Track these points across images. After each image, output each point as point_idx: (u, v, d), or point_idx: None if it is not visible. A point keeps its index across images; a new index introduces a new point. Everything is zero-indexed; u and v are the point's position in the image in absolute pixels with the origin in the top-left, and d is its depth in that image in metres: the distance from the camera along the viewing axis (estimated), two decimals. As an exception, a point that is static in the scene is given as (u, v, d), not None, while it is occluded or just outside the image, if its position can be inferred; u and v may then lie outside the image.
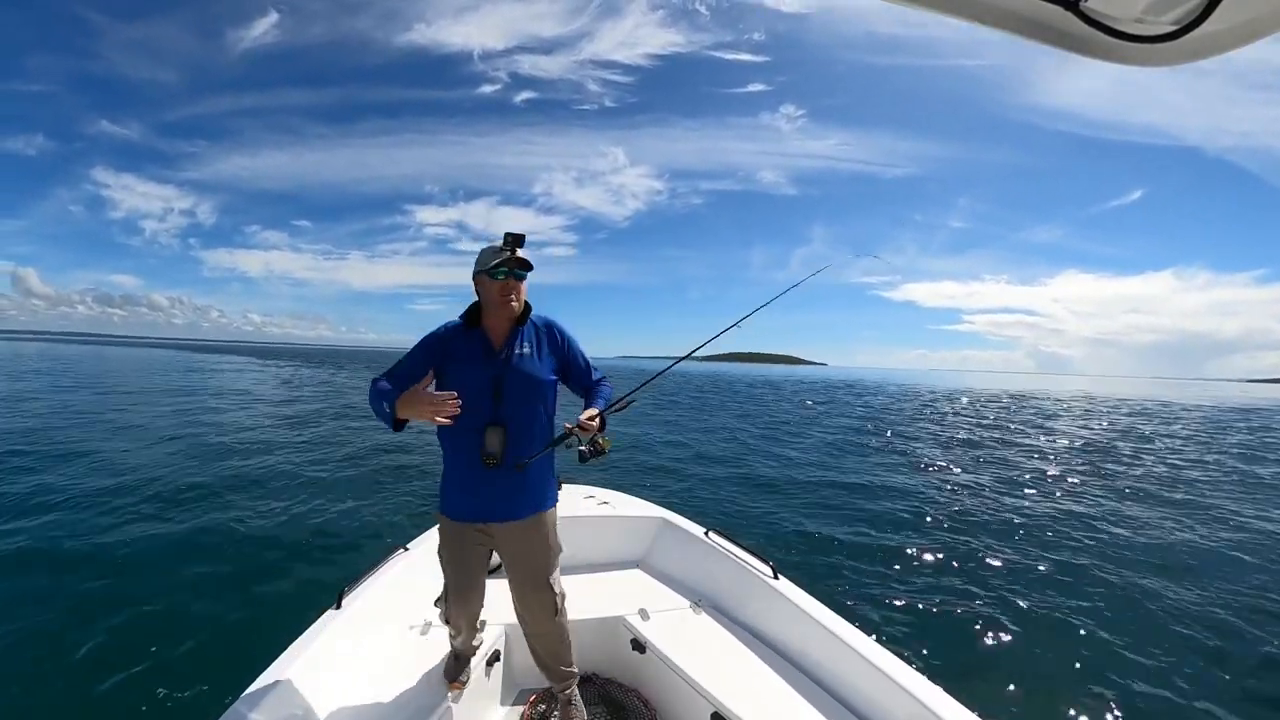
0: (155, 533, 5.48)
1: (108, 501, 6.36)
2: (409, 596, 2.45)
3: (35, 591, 4.18)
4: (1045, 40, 0.71)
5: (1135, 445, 15.08)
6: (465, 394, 1.62)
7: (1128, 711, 3.10)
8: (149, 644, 3.47)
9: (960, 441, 14.46)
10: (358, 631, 2.14)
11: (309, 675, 1.82)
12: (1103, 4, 0.64)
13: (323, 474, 8.49)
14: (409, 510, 6.69)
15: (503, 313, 1.76)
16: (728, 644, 2.26)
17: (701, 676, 2.01)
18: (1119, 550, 5.84)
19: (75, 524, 5.58)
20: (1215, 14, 0.58)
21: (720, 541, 2.71)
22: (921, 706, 1.63)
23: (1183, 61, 0.68)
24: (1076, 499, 8.32)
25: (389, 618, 2.34)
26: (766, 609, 2.33)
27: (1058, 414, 25.92)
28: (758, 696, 1.92)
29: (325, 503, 6.88)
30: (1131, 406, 34.77)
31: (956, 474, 9.99)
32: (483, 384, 1.73)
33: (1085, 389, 78.57)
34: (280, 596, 4.30)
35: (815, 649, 2.06)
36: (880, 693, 1.79)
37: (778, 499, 7.78)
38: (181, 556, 4.96)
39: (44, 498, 6.39)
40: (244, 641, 3.47)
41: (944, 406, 28.41)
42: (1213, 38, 0.63)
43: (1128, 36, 0.66)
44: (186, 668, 3.25)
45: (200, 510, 6.32)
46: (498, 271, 1.70)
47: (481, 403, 1.71)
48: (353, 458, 9.90)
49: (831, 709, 1.86)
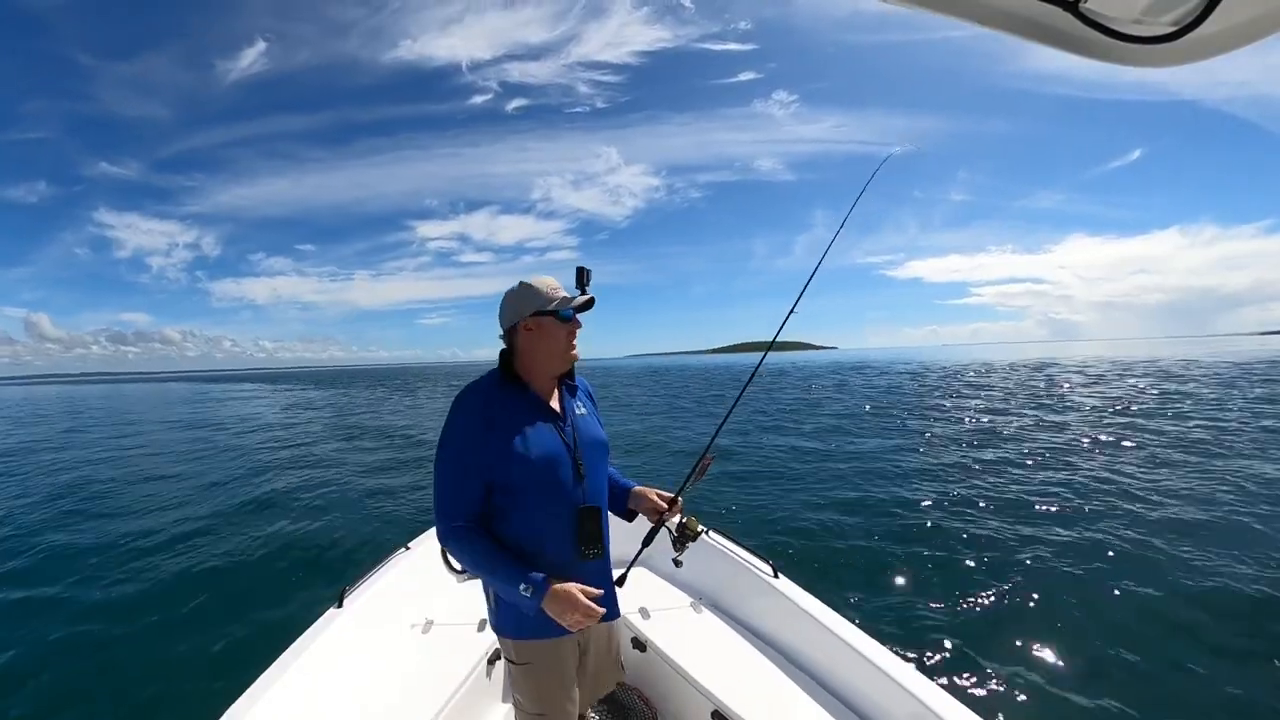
0: (156, 544, 5.68)
1: (134, 529, 6.53)
2: (410, 595, 2.49)
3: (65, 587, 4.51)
4: (1044, 41, 0.72)
5: (1176, 409, 14.37)
6: (543, 468, 1.34)
7: (1140, 706, 2.99)
8: (155, 642, 3.71)
9: (986, 426, 13.78)
10: (359, 630, 2.16)
11: (311, 673, 1.84)
12: (1101, 5, 0.64)
13: (323, 487, 8.75)
14: (406, 513, 6.96)
15: (562, 365, 1.45)
16: (728, 642, 2.26)
17: (702, 675, 2.02)
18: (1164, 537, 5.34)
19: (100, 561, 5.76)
20: (1214, 15, 0.58)
21: (720, 540, 2.69)
22: (922, 705, 1.62)
23: (1182, 63, 0.68)
24: (1112, 480, 7.86)
25: (390, 616, 2.36)
26: (766, 608, 2.32)
27: (1085, 383, 24.75)
28: (758, 695, 1.93)
29: (327, 511, 7.18)
30: (1158, 368, 33.08)
31: (970, 455, 9.77)
32: (560, 457, 1.38)
33: (1100, 353, 76.71)
34: (281, 595, 4.49)
35: (815, 647, 2.06)
36: (880, 691, 1.79)
37: (781, 489, 7.77)
38: (186, 562, 5.24)
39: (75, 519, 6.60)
40: (247, 640, 3.60)
41: (955, 383, 27.59)
42: (1211, 39, 0.63)
43: (1126, 37, 0.66)
44: (190, 666, 3.40)
45: (205, 524, 6.60)
46: (565, 313, 1.38)
47: (564, 481, 1.37)
48: (352, 471, 10.18)
49: (833, 707, 1.86)
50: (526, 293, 1.39)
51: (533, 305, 1.38)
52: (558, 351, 1.41)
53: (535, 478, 1.34)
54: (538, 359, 1.42)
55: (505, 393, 1.39)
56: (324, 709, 1.81)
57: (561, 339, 1.40)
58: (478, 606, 2.39)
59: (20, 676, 3.41)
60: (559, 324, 1.39)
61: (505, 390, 1.40)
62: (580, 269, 1.43)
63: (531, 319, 1.38)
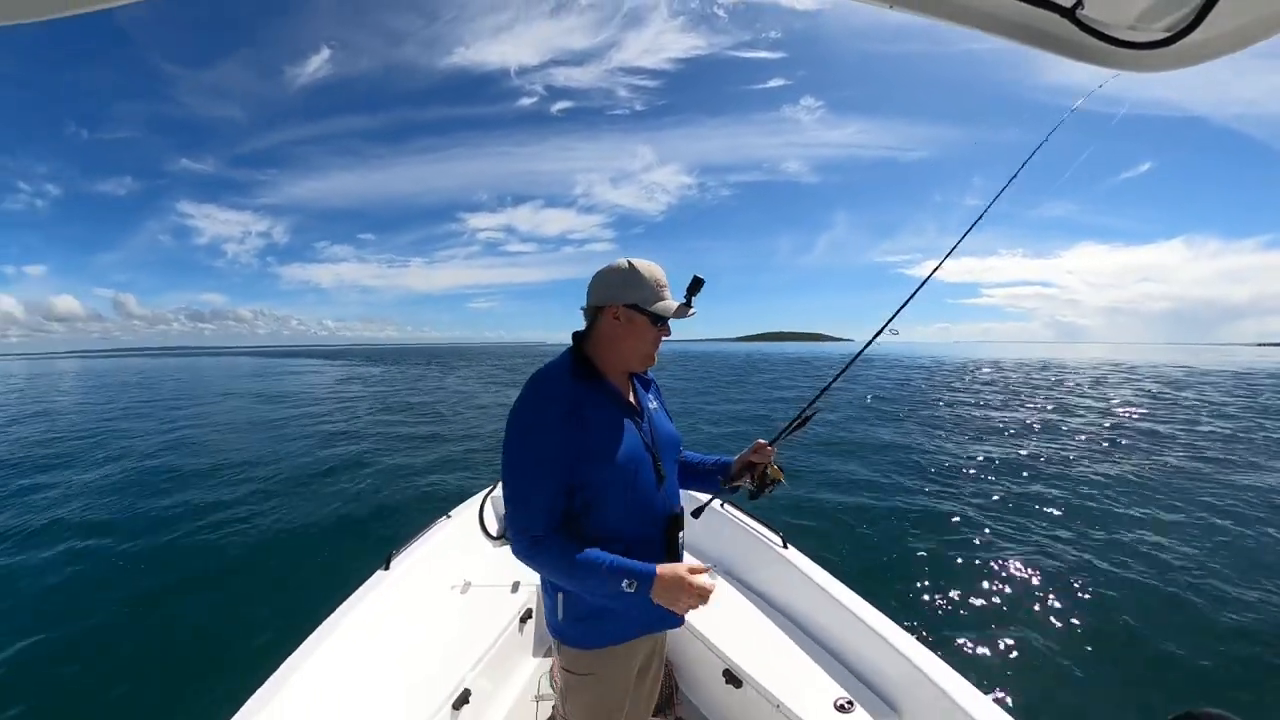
0: (218, 507, 6.20)
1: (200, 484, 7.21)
2: (451, 558, 2.66)
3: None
4: (1043, 46, 0.74)
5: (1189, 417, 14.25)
6: (628, 469, 1.24)
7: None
8: (219, 600, 4.15)
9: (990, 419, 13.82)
10: (404, 590, 2.32)
11: (360, 628, 2.01)
12: (1099, 12, 0.66)
13: (374, 460, 9.31)
14: (451, 484, 7.37)
15: (639, 366, 1.34)
16: (739, 607, 2.37)
17: (714, 636, 2.14)
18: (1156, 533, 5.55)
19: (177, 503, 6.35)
20: (1205, 22, 0.61)
21: (734, 512, 2.84)
22: (914, 668, 1.74)
23: (1175, 67, 0.70)
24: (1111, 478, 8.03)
25: (433, 578, 2.52)
26: (775, 575, 2.44)
27: (1094, 384, 24.71)
28: (764, 655, 2.05)
29: (377, 482, 7.69)
30: (1162, 374, 32.55)
31: (979, 446, 9.86)
32: (642, 457, 1.27)
33: (1106, 356, 76.70)
34: (334, 558, 4.92)
35: (820, 613, 2.17)
36: (876, 654, 1.90)
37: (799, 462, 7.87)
38: (249, 527, 5.72)
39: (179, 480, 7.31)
40: (303, 598, 3.93)
41: (967, 379, 27.62)
42: (1203, 45, 0.66)
43: (1122, 43, 0.68)
44: (250, 623, 3.75)
45: (245, 492, 7.15)
46: (660, 319, 1.27)
47: (647, 483, 1.28)
48: (401, 444, 10.76)
49: (832, 667, 1.98)
50: (630, 278, 1.24)
51: (631, 296, 1.23)
52: (641, 352, 1.30)
53: (619, 480, 1.22)
54: (618, 352, 1.29)
55: (584, 384, 1.25)
56: (372, 662, 1.97)
57: (649, 341, 1.29)
58: (512, 569, 2.55)
59: (80, 636, 3.77)
60: (651, 326, 1.27)
61: (582, 381, 1.25)
62: (697, 279, 1.27)
63: (625, 309, 1.25)
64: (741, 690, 1.99)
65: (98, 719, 3.01)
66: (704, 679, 2.21)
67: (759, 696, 1.91)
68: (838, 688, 1.87)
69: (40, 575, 4.71)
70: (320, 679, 1.76)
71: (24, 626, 3.77)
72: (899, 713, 1.77)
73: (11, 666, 3.34)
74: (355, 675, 1.89)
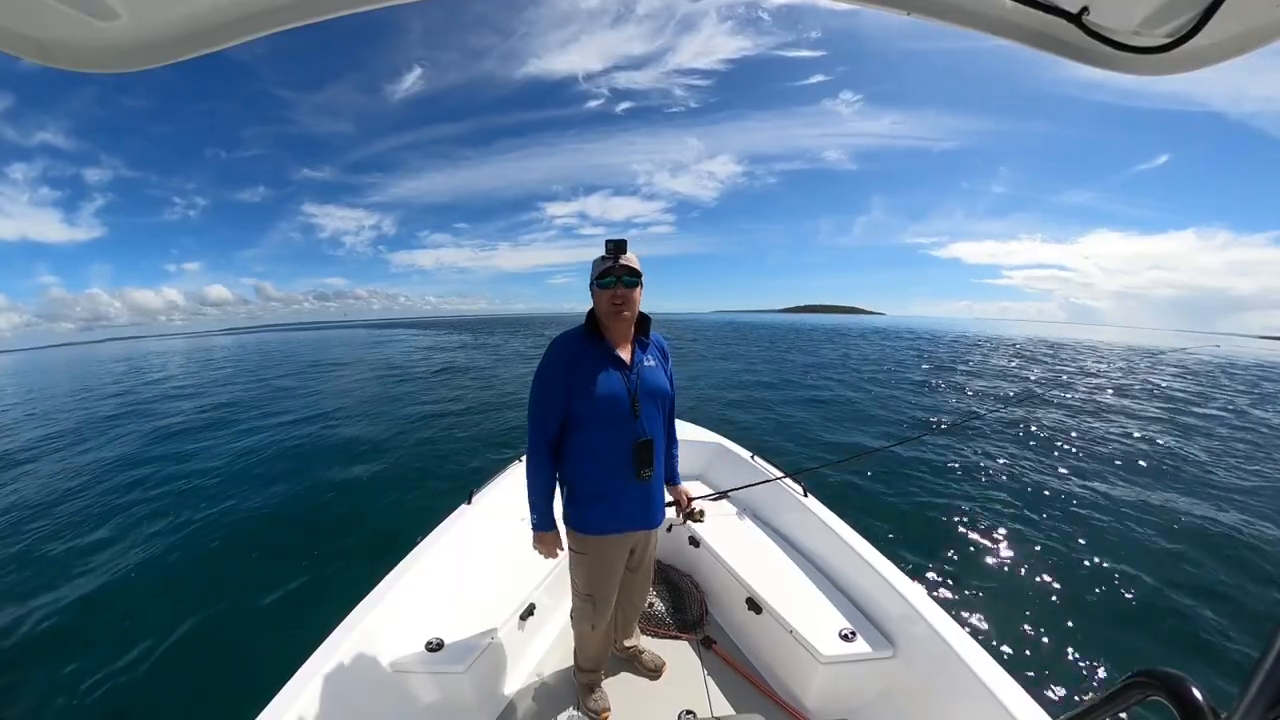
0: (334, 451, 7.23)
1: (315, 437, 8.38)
2: (522, 495, 2.99)
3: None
4: (1050, 50, 0.76)
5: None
6: (604, 405, 1.60)
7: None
8: (332, 534, 4.83)
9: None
10: (483, 522, 2.63)
11: (446, 553, 2.32)
12: (1103, 17, 0.68)
13: (461, 410, 10.59)
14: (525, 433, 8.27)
15: (616, 324, 1.66)
16: (763, 545, 2.63)
17: (741, 569, 2.40)
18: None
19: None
20: (1206, 28, 0.62)
21: (763, 463, 3.17)
22: (910, 608, 1.92)
23: (1177, 71, 0.71)
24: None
25: (508, 513, 2.79)
26: (796, 520, 2.68)
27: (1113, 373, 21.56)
28: (782, 588, 2.28)
29: (467, 430, 8.86)
30: (1173, 360, 29.18)
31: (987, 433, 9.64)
32: (620, 395, 1.63)
33: (1115, 339, 71.11)
34: (424, 494, 5.76)
35: (831, 554, 2.39)
36: (879, 593, 2.09)
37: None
38: (358, 470, 6.71)
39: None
40: (398, 527, 4.66)
41: (987, 355, 24.51)
42: (1204, 50, 0.67)
43: (1126, 47, 0.70)
44: (354, 550, 4.43)
45: (379, 439, 8.29)
46: (605, 280, 1.62)
47: (624, 415, 1.64)
48: (487, 397, 12.22)
49: (839, 602, 2.17)
50: (593, 265, 1.68)
51: (592, 275, 1.67)
52: (605, 313, 1.65)
53: (598, 412, 1.60)
54: (600, 314, 1.68)
55: (586, 342, 1.66)
56: (455, 580, 2.27)
57: (604, 303, 1.64)
58: None
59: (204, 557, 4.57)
60: (599, 290, 1.64)
61: (587, 340, 1.66)
62: (607, 242, 1.61)
63: (591, 288, 1.68)
64: (760, 616, 2.22)
65: (275, 607, 3.68)
66: (730, 604, 2.45)
67: (775, 623, 2.13)
68: (843, 620, 2.05)
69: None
70: (414, 594, 2.06)
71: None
72: (895, 645, 1.93)
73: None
74: (442, 591, 2.17)
